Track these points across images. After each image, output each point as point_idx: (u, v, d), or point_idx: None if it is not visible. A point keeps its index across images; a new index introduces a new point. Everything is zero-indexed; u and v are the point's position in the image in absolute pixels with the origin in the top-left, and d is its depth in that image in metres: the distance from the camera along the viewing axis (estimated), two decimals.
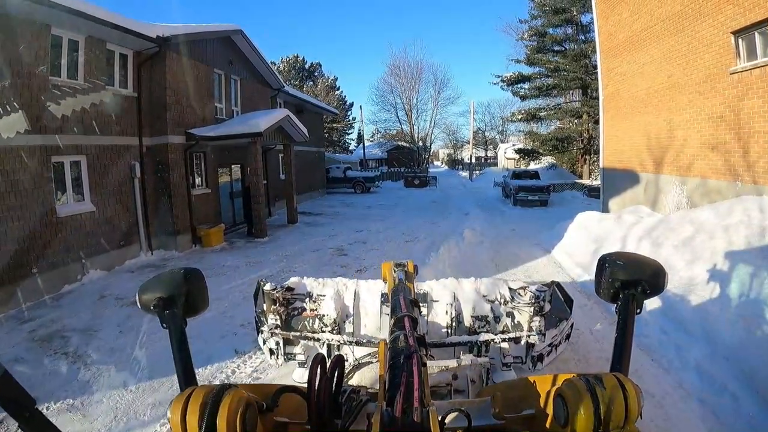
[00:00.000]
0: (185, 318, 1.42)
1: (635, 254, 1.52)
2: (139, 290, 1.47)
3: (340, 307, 4.00)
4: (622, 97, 13.66)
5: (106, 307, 8.21)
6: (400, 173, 41.90)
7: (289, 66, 49.67)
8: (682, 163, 10.88)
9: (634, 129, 12.96)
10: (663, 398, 4.51)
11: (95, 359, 5.85)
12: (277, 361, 3.97)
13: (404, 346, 1.36)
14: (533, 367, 3.70)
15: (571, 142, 30.51)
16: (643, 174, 12.54)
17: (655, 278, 1.43)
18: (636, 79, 12.77)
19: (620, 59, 13.58)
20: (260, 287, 4.03)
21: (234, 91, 16.87)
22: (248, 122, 13.85)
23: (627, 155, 13.44)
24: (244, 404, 1.05)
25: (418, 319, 1.74)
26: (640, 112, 12.56)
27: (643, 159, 12.48)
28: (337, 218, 18.98)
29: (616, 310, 1.42)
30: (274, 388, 1.36)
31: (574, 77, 28.37)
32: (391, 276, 2.99)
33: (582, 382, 1.06)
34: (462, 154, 65.40)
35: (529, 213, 19.82)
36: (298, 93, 26.51)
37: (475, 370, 3.16)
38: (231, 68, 16.21)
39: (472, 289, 4.03)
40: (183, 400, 1.04)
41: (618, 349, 1.31)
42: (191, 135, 13.20)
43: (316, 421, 1.28)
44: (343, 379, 1.48)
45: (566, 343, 3.97)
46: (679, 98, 10.85)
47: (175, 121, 12.78)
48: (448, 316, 3.88)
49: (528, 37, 30.71)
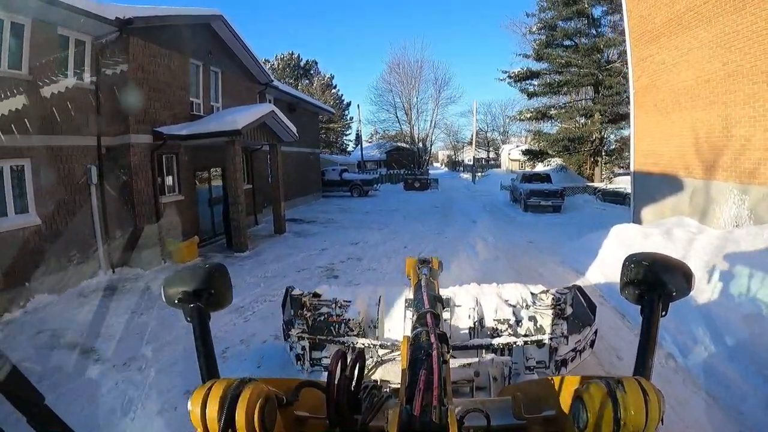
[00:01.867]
0: (209, 312, 1.40)
1: (662, 255, 1.44)
2: (164, 284, 1.43)
3: (365, 312, 4.08)
4: (659, 89, 11.79)
5: (37, 348, 6.51)
6: (399, 175, 40.70)
7: (284, 63, 48.29)
8: (743, 167, 9.02)
9: (676, 126, 11.10)
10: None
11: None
12: (303, 367, 3.99)
13: (425, 343, 1.31)
14: (557, 372, 3.64)
15: (582, 142, 28.81)
16: (689, 179, 10.68)
17: (682, 281, 1.36)
18: (679, 69, 10.91)
19: (657, 46, 11.72)
20: (288, 293, 4.25)
21: (214, 84, 15.03)
22: (224, 119, 12.02)
23: (666, 157, 11.57)
24: (263, 398, 1.04)
25: (441, 315, 1.72)
26: (685, 106, 10.70)
27: (689, 162, 10.62)
28: (330, 226, 17.11)
29: (641, 312, 1.34)
30: (295, 382, 1.39)
31: (587, 73, 26.77)
32: (415, 273, 2.88)
33: (603, 385, 1.01)
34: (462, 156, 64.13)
35: (543, 220, 17.96)
36: (290, 89, 24.57)
37: (497, 368, 3.21)
38: (211, 59, 14.37)
39: (493, 293, 4.16)
40: (204, 392, 1.04)
41: (641, 353, 1.25)
42: (159, 134, 11.45)
43: (335, 416, 1.24)
44: (363, 375, 1.44)
45: (591, 351, 3.92)
46: (739, 90, 8.98)
47: (140, 118, 11.07)
48: (470, 319, 3.95)
49: (537, 30, 29.00)
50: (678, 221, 10.34)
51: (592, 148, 29.19)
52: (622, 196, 21.02)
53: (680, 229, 9.26)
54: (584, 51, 27.00)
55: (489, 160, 62.57)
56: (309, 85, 47.28)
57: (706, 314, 5.77)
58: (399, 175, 40.59)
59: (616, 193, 21.86)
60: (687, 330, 5.72)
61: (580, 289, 4.00)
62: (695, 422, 4.12)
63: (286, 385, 1.38)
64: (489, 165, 59.24)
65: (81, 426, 1.49)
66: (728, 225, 9.21)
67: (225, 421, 0.98)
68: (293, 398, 1.28)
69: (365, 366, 1.49)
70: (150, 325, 6.90)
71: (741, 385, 4.53)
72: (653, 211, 12.12)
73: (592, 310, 3.81)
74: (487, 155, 63.57)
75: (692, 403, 4.41)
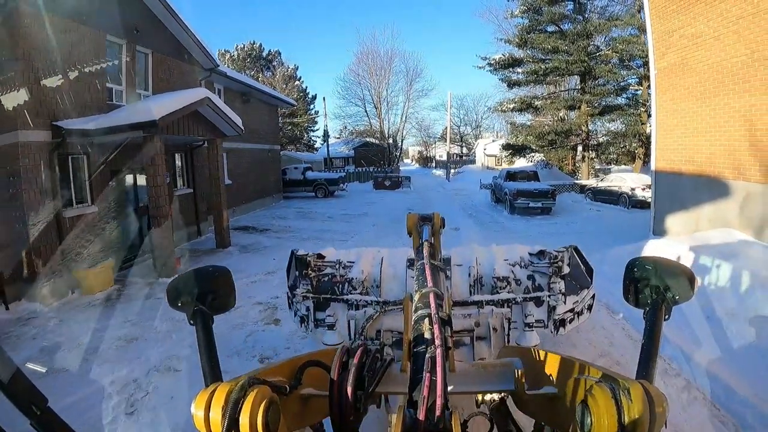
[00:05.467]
0: (212, 315, 1.42)
1: (665, 259, 1.49)
2: (167, 287, 1.45)
3: (367, 272, 4.02)
4: (693, 69, 9.45)
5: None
6: (368, 173, 38.63)
7: (244, 54, 45.24)
8: None
9: (719, 115, 8.78)
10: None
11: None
12: (307, 328, 3.94)
13: (429, 336, 1.19)
14: (555, 332, 3.65)
15: (569, 136, 26.89)
16: (740, 183, 8.37)
17: (686, 285, 1.39)
18: (723, 43, 8.58)
19: (691, 15, 9.37)
20: (293, 254, 4.16)
21: (143, 68, 12.13)
22: (138, 108, 9.22)
23: (705, 153, 9.25)
24: (267, 400, 1.02)
25: (444, 293, 1.58)
26: (734, 90, 8.38)
27: (741, 160, 8.31)
28: (285, 237, 14.32)
29: (644, 316, 1.38)
30: (298, 362, 1.38)
31: (575, 60, 24.79)
32: (416, 230, 2.62)
33: (607, 389, 1.00)
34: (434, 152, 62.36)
35: (536, 226, 15.59)
36: (243, 77, 21.54)
37: (497, 319, 3.43)
38: (137, 37, 11.42)
39: (492, 253, 4.15)
40: (207, 395, 1.02)
41: (645, 356, 1.27)
42: (59, 129, 8.71)
43: (338, 420, 1.22)
44: (366, 374, 1.31)
45: (589, 314, 3.87)
46: None
47: (34, 108, 8.38)
48: (470, 278, 3.90)
49: (520, 13, 26.79)
50: (725, 235, 8.08)
51: (578, 141, 27.47)
52: (617, 196, 19.05)
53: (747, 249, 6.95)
54: (571, 36, 25.16)
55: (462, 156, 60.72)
56: (272, 77, 44.31)
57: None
58: (368, 173, 38.70)
59: (610, 192, 19.77)
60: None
61: (576, 249, 3.96)
62: None
63: (292, 366, 1.38)
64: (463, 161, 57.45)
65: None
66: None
67: (228, 425, 0.97)
68: (297, 383, 1.29)
69: (374, 367, 1.33)
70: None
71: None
72: (683, 220, 9.82)
73: (589, 273, 3.82)
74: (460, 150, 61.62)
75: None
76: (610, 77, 24.92)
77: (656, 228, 10.57)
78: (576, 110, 26.83)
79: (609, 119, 26.42)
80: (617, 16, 25.07)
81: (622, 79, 25.66)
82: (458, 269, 4.01)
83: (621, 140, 26.00)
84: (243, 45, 45.48)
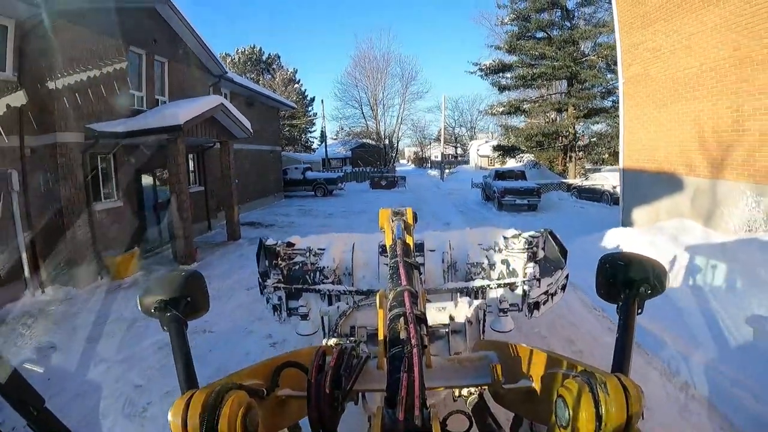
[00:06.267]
0: (186, 321, 1.39)
1: (636, 254, 1.52)
2: (140, 293, 1.42)
3: (339, 259, 4.02)
4: (654, 78, 10.68)
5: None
6: (365, 173, 39.67)
7: (245, 57, 46.47)
8: (758, 165, 7.97)
9: (675, 119, 10.00)
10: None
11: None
12: (280, 317, 3.90)
13: (404, 336, 1.18)
14: (530, 314, 3.65)
15: (557, 137, 28.04)
16: (691, 178, 9.59)
17: (657, 279, 1.42)
18: (678, 56, 9.81)
19: (651, 31, 10.60)
20: (262, 244, 4.00)
21: (160, 76, 13.28)
22: (164, 113, 10.36)
23: (663, 153, 10.48)
24: (245, 406, 1.03)
25: (418, 289, 1.61)
26: (687, 97, 9.60)
27: (691, 159, 9.53)
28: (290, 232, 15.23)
29: (617, 310, 1.40)
30: (274, 364, 1.39)
31: (561, 65, 25.96)
32: (389, 225, 2.70)
33: (584, 382, 1.03)
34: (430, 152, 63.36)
35: (521, 221, 16.68)
36: (248, 82, 22.75)
37: (472, 312, 3.30)
38: (156, 47, 12.62)
39: (466, 238, 4.15)
40: (184, 403, 1.01)
41: (619, 350, 1.29)
42: (91, 131, 9.77)
43: (316, 422, 1.23)
44: (343, 374, 1.35)
45: (562, 294, 3.86)
46: (753, 78, 7.93)
47: (69, 113, 9.42)
48: (444, 264, 3.94)
49: (510, 21, 27.98)
50: (679, 224, 9.30)
51: (566, 143, 28.53)
52: (600, 194, 20.25)
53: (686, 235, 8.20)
54: (558, 43, 26.24)
55: (457, 157, 61.70)
56: (271, 80, 45.46)
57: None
58: (365, 173, 39.68)
59: (593, 190, 20.97)
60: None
61: (551, 233, 3.88)
62: None
63: (267, 369, 1.38)
64: (457, 161, 58.41)
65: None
66: (739, 230, 8.21)
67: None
68: (274, 385, 1.31)
69: (351, 365, 1.35)
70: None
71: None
72: (646, 212, 11.04)
73: (563, 254, 3.74)
74: (455, 151, 62.68)
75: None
76: (595, 81, 25.95)
77: (624, 220, 11.79)
78: (564, 113, 27.88)
79: (594, 121, 27.49)
80: (604, 22, 25.76)
81: (606, 82, 26.59)
82: (431, 255, 4.03)
83: (607, 141, 26.99)
84: (244, 49, 46.71)
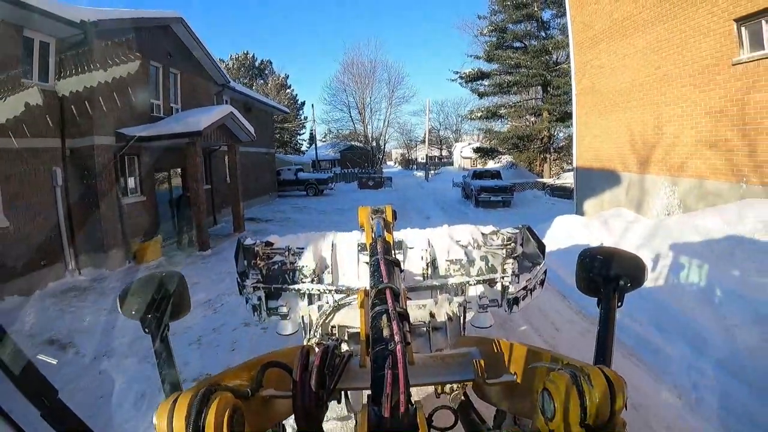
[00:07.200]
0: (168, 323, 1.38)
1: (615, 248, 1.56)
2: (119, 295, 1.41)
3: (318, 258, 3.98)
4: (599, 91, 12.66)
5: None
6: (353, 174, 40.97)
7: (238, 63, 47.69)
8: (673, 162, 9.92)
9: (614, 125, 11.98)
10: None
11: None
12: (260, 318, 3.89)
13: (387, 333, 1.17)
14: (509, 310, 3.68)
15: (531, 140, 29.90)
16: (626, 174, 11.56)
17: (636, 272, 1.47)
18: (616, 72, 11.78)
19: (597, 51, 12.58)
20: (240, 244, 3.95)
21: (173, 86, 14.99)
22: (186, 120, 12.10)
23: (606, 153, 12.45)
24: (231, 407, 1.02)
25: (400, 287, 1.56)
26: (622, 107, 11.57)
27: (626, 157, 11.50)
28: (287, 225, 17.27)
29: (598, 304, 1.44)
30: (257, 364, 1.36)
31: (535, 74, 27.82)
32: (368, 223, 2.77)
33: (568, 375, 1.04)
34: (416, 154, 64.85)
35: (493, 216, 18.65)
36: (246, 90, 24.57)
37: (452, 308, 3.25)
38: (170, 60, 14.34)
39: (445, 235, 4.12)
40: (169, 407, 0.99)
41: (601, 343, 1.34)
42: (122, 135, 11.39)
43: (303, 420, 1.23)
44: (327, 371, 1.34)
45: (541, 289, 3.87)
46: (669, 91, 9.88)
47: (103, 119, 10.96)
48: (423, 261, 3.92)
49: (488, 32, 29.90)
50: (616, 212, 11.16)
51: (541, 145, 30.30)
52: (569, 191, 22.03)
53: (617, 219, 10.07)
54: (533, 53, 28.01)
55: (442, 158, 63.38)
56: (264, 85, 46.91)
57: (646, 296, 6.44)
58: (353, 174, 41.08)
59: (563, 188, 22.82)
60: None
61: (530, 229, 3.88)
62: None
63: (250, 369, 1.37)
64: (442, 163, 59.98)
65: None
66: (660, 214, 10.10)
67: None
68: (258, 385, 1.28)
69: (328, 364, 1.42)
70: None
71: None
72: (594, 203, 12.99)
73: (541, 250, 3.76)
74: (440, 153, 64.40)
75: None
76: (567, 88, 27.62)
77: (578, 210, 13.73)
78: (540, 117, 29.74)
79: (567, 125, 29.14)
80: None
81: None
82: (410, 252, 4.04)
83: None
84: (237, 55, 48.01)
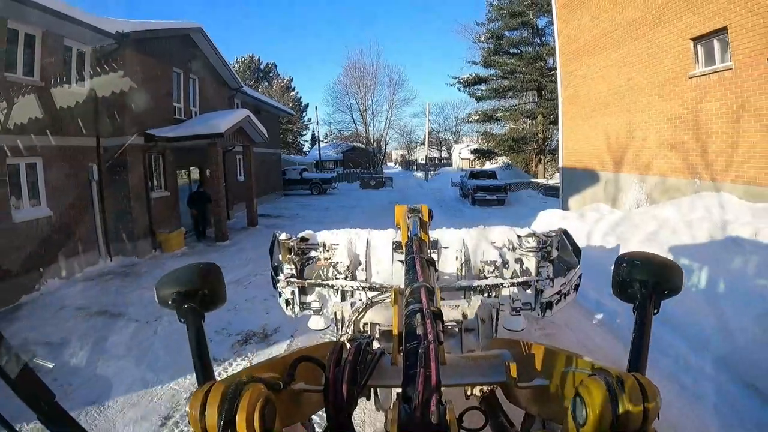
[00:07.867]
0: (203, 313, 1.38)
1: (653, 254, 1.51)
2: (156, 285, 1.42)
3: (352, 255, 4.02)
4: (581, 99, 14.05)
5: (68, 319, 7.69)
6: (355, 174, 41.92)
7: (244, 66, 48.86)
8: (641, 162, 11.29)
9: (593, 130, 13.35)
10: None
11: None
12: (293, 311, 3.97)
13: (421, 331, 1.21)
14: (542, 314, 3.69)
15: (526, 142, 31.18)
16: (603, 173, 12.94)
17: (674, 279, 1.42)
18: (596, 82, 13.16)
19: (580, 62, 13.97)
20: (275, 239, 4.01)
21: (192, 90, 16.28)
22: (209, 123, 13.42)
23: (587, 155, 13.84)
24: (263, 398, 1.04)
25: (434, 286, 1.67)
26: (600, 113, 12.95)
27: (603, 158, 12.87)
28: (296, 220, 18.57)
29: (634, 310, 1.40)
30: (290, 359, 1.39)
31: (530, 79, 29.06)
32: (404, 222, 2.84)
33: (602, 382, 1.04)
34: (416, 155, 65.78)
35: (488, 213, 19.97)
36: (256, 93, 26.00)
37: (485, 310, 3.31)
38: (190, 67, 15.66)
39: (480, 236, 4.07)
40: (202, 395, 1.03)
41: (636, 349, 1.30)
42: (150, 136, 12.58)
43: (333, 419, 1.27)
44: (358, 369, 1.39)
45: (575, 294, 3.87)
46: (638, 100, 11.24)
47: (134, 121, 12.14)
48: (458, 261, 3.90)
49: (485, 39, 31.26)
50: (595, 207, 12.48)
51: (536, 147, 31.49)
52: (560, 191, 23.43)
53: (593, 213, 11.41)
54: (528, 59, 29.23)
55: (441, 159, 64.31)
56: (269, 88, 48.08)
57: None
58: (355, 175, 42.13)
59: (556, 188, 23.94)
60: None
61: (566, 232, 3.87)
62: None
63: (284, 363, 1.40)
64: (441, 164, 60.91)
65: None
66: (632, 207, 11.45)
67: (225, 425, 0.98)
68: (290, 378, 1.30)
69: (366, 362, 1.45)
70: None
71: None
72: (577, 199, 14.39)
73: (577, 254, 3.72)
74: (439, 154, 65.42)
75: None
76: None
77: (563, 206, 15.09)
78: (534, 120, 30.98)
79: None
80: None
81: None
82: (445, 252, 4.00)
83: None
84: (243, 58, 49.33)
